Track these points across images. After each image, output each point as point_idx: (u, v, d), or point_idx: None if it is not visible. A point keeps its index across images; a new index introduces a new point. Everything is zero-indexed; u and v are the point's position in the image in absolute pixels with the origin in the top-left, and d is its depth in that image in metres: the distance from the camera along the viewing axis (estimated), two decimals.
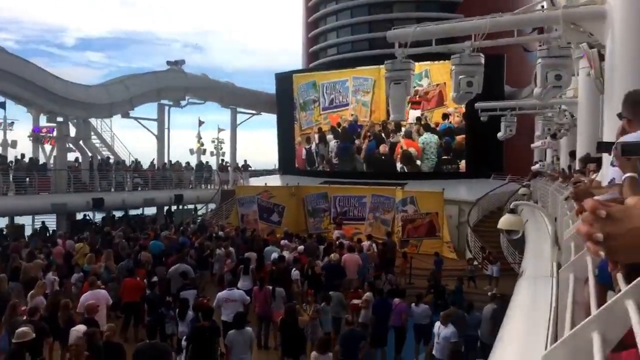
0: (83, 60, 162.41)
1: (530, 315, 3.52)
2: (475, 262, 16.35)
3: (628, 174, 1.60)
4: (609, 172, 2.77)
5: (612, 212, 0.86)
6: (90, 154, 25.14)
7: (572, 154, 13.36)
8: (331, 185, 24.90)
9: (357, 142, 28.11)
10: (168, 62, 29.28)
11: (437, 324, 9.73)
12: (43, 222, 22.67)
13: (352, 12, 29.56)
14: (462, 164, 25.41)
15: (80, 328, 7.01)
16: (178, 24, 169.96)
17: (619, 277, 1.53)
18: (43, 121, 24.76)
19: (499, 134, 18.40)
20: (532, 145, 23.01)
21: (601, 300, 1.64)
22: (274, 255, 14.23)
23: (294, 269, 12.81)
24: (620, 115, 2.82)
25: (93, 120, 26.35)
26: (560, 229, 6.18)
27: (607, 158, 5.32)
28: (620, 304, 1.21)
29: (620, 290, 1.32)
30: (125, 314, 11.07)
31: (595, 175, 5.86)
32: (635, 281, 1.21)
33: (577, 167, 9.96)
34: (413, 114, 25.41)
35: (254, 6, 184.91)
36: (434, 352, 9.76)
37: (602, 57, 5.90)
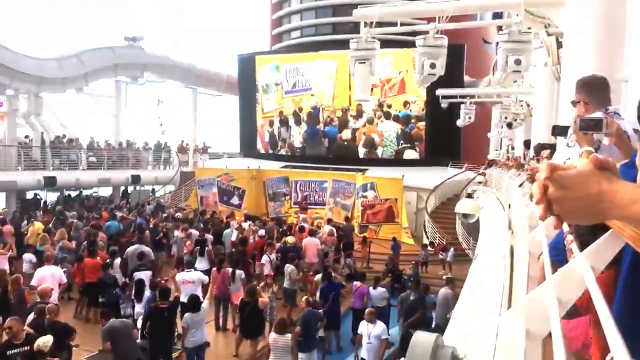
0: None
1: (483, 292, 3.62)
2: (429, 248, 16.75)
3: (585, 148, 1.68)
4: (564, 153, 2.85)
5: (561, 179, 0.88)
6: (42, 130, 24.06)
7: (527, 143, 13.80)
8: (292, 170, 24.85)
9: (318, 126, 28.14)
10: (126, 38, 28.20)
11: (363, 322, 8.92)
12: None
13: None
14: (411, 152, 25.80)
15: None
16: None
17: (574, 247, 1.60)
18: None
19: (458, 121, 18.86)
20: (489, 135, 23.70)
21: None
22: (234, 237, 14.14)
23: (265, 253, 12.72)
24: (573, 103, 2.90)
25: (45, 96, 25.17)
26: (514, 214, 6.38)
27: (561, 142, 5.53)
28: (575, 268, 1.25)
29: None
30: (84, 294, 10.91)
31: None
32: (589, 246, 1.26)
33: (531, 156, 10.30)
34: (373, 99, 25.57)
35: None
36: (362, 356, 8.81)
37: (559, 45, 6.10)
